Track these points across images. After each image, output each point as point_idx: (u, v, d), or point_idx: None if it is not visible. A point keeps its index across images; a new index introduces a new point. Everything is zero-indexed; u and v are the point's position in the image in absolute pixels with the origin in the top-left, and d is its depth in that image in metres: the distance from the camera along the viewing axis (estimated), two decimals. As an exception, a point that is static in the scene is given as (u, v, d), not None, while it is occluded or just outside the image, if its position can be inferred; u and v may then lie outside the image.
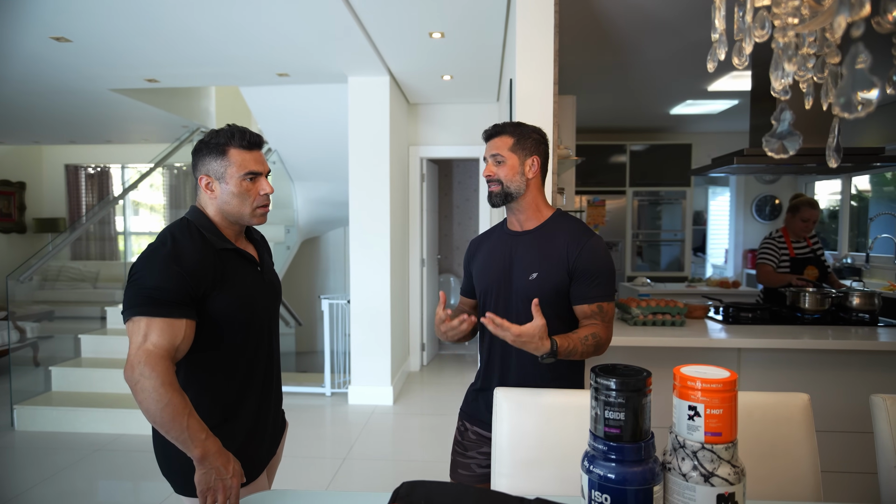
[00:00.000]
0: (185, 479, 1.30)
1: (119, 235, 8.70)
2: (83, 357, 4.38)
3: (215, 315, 1.28)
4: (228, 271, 1.32)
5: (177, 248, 1.25)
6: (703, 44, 3.61)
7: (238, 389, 1.36)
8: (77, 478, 3.11)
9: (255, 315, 1.35)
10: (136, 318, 1.19)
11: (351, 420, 4.05)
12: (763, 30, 0.83)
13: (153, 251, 1.25)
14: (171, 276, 1.20)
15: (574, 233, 1.55)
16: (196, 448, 1.15)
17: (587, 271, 1.50)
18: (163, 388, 1.14)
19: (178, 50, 3.60)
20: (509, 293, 1.58)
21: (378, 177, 4.33)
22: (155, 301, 1.18)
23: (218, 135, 1.34)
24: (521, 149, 1.57)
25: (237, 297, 1.32)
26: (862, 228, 5.58)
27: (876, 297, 2.70)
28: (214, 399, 1.32)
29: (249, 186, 1.35)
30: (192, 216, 1.36)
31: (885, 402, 1.30)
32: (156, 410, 1.14)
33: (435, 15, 3.08)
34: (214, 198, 1.35)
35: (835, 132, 0.86)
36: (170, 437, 1.16)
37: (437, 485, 1.00)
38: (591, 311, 1.51)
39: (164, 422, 1.14)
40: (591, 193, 6.40)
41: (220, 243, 1.33)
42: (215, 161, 1.33)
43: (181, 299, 1.21)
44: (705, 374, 0.92)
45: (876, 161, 2.91)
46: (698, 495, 0.89)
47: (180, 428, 1.14)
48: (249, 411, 1.38)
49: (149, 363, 1.15)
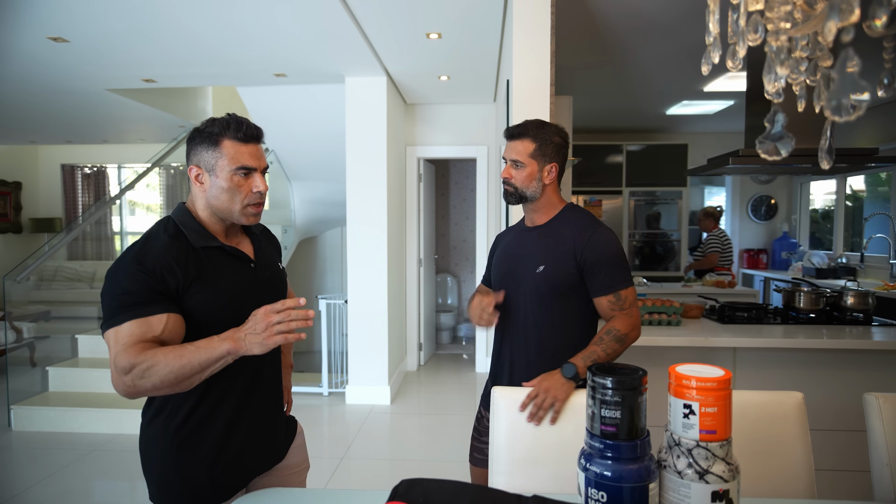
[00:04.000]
0: (159, 489, 1.26)
1: (115, 235, 8.68)
2: (80, 357, 4.38)
3: (193, 313, 1.22)
4: (207, 269, 1.24)
5: (144, 248, 1.21)
6: (698, 45, 3.63)
7: (224, 389, 1.28)
8: (74, 478, 3.11)
9: (244, 313, 1.22)
10: (106, 332, 1.16)
11: (348, 420, 4.05)
12: (756, 33, 0.84)
13: (120, 258, 1.21)
14: (134, 277, 1.16)
15: (580, 225, 1.58)
16: (224, 348, 1.11)
17: (596, 262, 1.52)
18: (150, 365, 1.09)
19: (176, 50, 3.60)
20: (517, 286, 1.63)
21: (375, 177, 4.34)
22: (123, 305, 1.15)
23: (213, 123, 1.25)
24: (541, 155, 1.59)
25: (217, 295, 1.24)
26: (857, 228, 5.61)
27: (870, 296, 2.72)
28: (201, 396, 1.25)
29: (241, 182, 1.26)
30: (176, 214, 1.30)
31: (878, 400, 1.32)
32: (170, 380, 1.10)
33: (432, 16, 3.09)
34: (203, 191, 1.27)
35: (827, 134, 0.87)
36: (204, 375, 1.14)
37: (435, 482, 1.01)
38: (608, 303, 1.53)
39: (183, 376, 1.11)
40: (588, 193, 6.41)
41: (199, 241, 1.26)
42: (207, 151, 1.25)
43: (150, 297, 1.15)
44: (700, 372, 0.93)
45: (870, 162, 2.94)
46: (693, 492, 0.90)
47: (197, 362, 1.11)
48: (228, 414, 1.29)
49: (122, 362, 1.10)
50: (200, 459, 1.25)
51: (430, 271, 5.83)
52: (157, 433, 1.26)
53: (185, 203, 1.33)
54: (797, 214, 6.54)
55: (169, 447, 1.24)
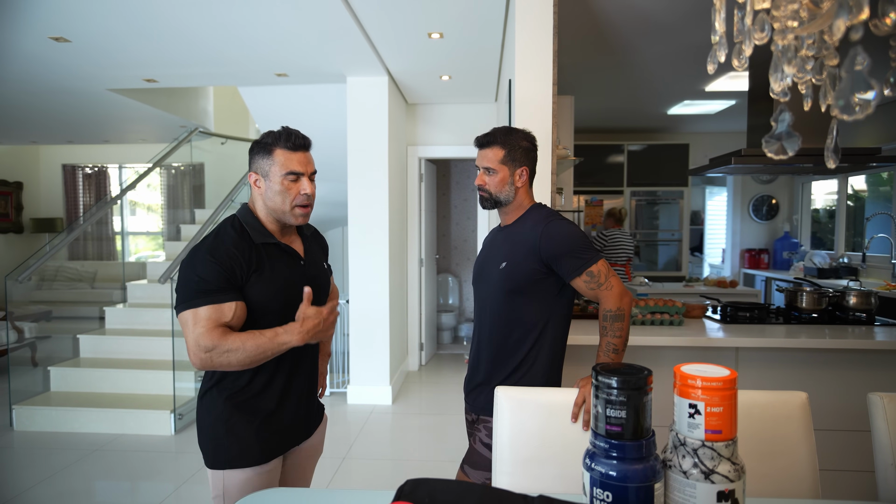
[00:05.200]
0: (213, 454, 1.42)
1: (116, 235, 8.68)
2: (82, 357, 4.38)
3: (252, 300, 1.39)
4: (265, 263, 1.43)
5: (215, 242, 1.39)
6: (700, 44, 3.63)
7: (272, 370, 1.46)
8: (76, 478, 3.10)
9: (293, 305, 1.42)
10: (183, 312, 1.33)
11: (350, 420, 4.05)
12: (763, 32, 0.83)
13: (194, 250, 1.39)
14: (208, 267, 1.34)
15: (536, 222, 1.66)
16: (289, 340, 1.35)
17: (556, 252, 1.60)
18: (231, 349, 1.30)
19: (177, 50, 3.60)
20: (485, 283, 1.74)
21: (376, 177, 4.34)
22: (198, 291, 1.33)
23: (268, 135, 1.45)
24: (511, 160, 1.69)
25: (271, 285, 1.42)
26: (858, 228, 5.61)
27: (872, 296, 2.71)
28: (254, 373, 1.44)
29: (290, 185, 1.44)
30: (240, 213, 1.49)
31: (882, 400, 1.32)
32: (245, 361, 1.32)
33: (434, 15, 3.09)
34: (260, 194, 1.46)
35: (833, 134, 0.87)
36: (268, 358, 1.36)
37: (440, 482, 1.01)
38: (584, 283, 1.59)
39: (256, 359, 1.34)
40: (589, 193, 6.41)
41: (259, 238, 1.44)
42: (263, 160, 1.44)
43: (221, 286, 1.34)
44: (705, 372, 0.93)
45: (872, 161, 2.93)
46: (699, 492, 0.90)
47: (266, 349, 1.33)
48: (276, 390, 1.47)
49: (206, 343, 1.29)
50: (250, 423, 1.43)
51: (431, 271, 5.83)
52: (212, 401, 1.45)
53: (247, 204, 1.52)
54: (799, 214, 6.54)
55: (222, 413, 1.43)
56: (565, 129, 3.93)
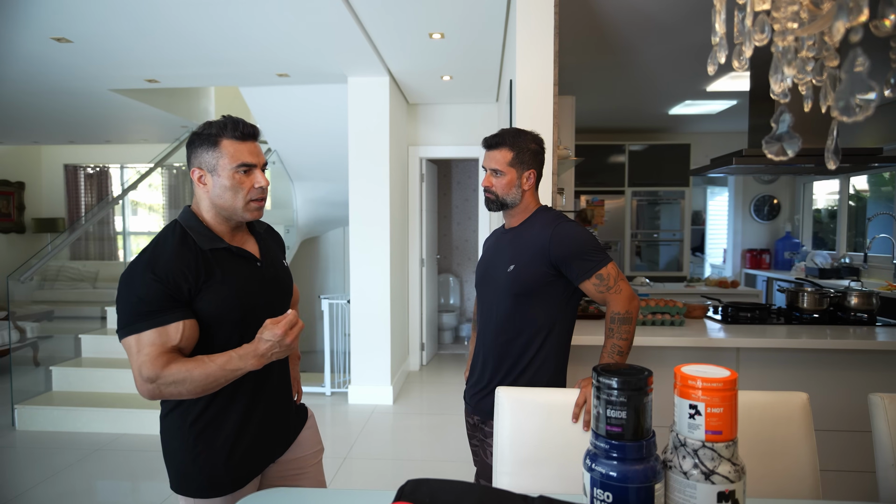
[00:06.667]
0: (181, 482, 1.32)
1: (118, 235, 8.70)
2: (83, 357, 4.39)
3: (204, 314, 1.25)
4: (216, 271, 1.28)
5: (154, 255, 1.24)
6: (701, 45, 3.63)
7: (237, 384, 1.30)
8: (77, 478, 3.11)
9: (253, 313, 1.30)
10: (126, 338, 1.20)
11: (351, 419, 4.05)
12: (763, 33, 0.84)
13: (132, 264, 1.24)
14: (149, 285, 1.19)
15: (544, 224, 1.65)
16: (243, 367, 1.21)
17: (566, 255, 1.58)
18: (176, 380, 1.17)
19: (179, 50, 3.61)
20: (491, 286, 1.72)
21: (378, 177, 4.34)
22: (138, 314, 1.19)
23: (211, 126, 1.29)
24: (519, 163, 1.67)
25: (225, 296, 1.27)
26: (860, 228, 5.60)
27: (874, 296, 2.71)
28: (215, 392, 1.28)
29: (242, 179, 1.29)
30: (182, 217, 1.33)
31: (883, 401, 1.32)
32: (195, 391, 1.20)
33: (435, 15, 3.09)
34: (207, 192, 1.30)
35: (833, 135, 0.87)
36: (224, 384, 1.23)
37: (441, 482, 1.01)
38: (594, 286, 1.58)
39: (208, 388, 1.21)
40: (591, 193, 6.40)
41: (207, 243, 1.29)
42: (207, 153, 1.28)
43: (165, 305, 1.20)
44: (706, 373, 0.93)
45: (874, 161, 2.93)
46: (699, 493, 0.90)
47: (218, 378, 1.20)
48: (238, 413, 1.33)
49: (148, 373, 1.17)
50: (217, 450, 1.30)
51: (432, 271, 5.83)
52: (174, 426, 1.32)
53: (190, 206, 1.36)
54: (800, 214, 6.53)
55: (187, 438, 1.30)
56: (566, 130, 3.92)
